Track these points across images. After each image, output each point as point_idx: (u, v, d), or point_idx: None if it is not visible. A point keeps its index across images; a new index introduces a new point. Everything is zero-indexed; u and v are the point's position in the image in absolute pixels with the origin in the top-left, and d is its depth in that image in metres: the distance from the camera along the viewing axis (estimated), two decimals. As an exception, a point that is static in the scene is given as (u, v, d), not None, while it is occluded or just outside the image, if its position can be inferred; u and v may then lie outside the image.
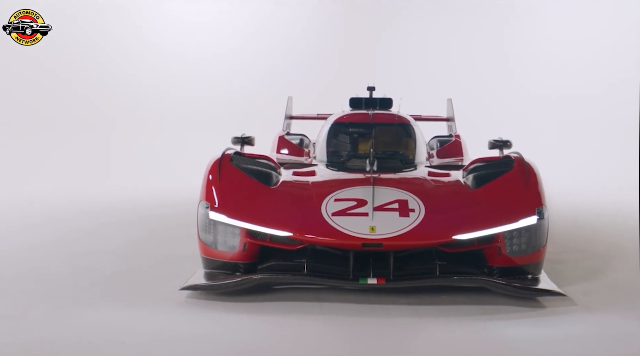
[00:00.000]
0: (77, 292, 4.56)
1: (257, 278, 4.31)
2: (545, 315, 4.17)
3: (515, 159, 4.98)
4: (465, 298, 4.40)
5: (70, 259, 5.51)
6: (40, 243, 6.20)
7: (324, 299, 4.37)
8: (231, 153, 5.06)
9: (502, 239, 4.43)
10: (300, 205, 4.56)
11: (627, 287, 4.88)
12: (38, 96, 11.85)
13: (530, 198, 4.62)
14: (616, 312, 4.23)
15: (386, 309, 4.22)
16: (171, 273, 4.88)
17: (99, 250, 5.86)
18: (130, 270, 5.20)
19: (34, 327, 3.85)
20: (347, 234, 4.24)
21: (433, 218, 4.40)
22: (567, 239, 6.64)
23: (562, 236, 6.75)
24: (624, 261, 5.67)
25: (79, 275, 5.01)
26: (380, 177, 5.00)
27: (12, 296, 4.47)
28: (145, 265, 5.38)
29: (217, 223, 4.51)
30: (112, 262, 5.44)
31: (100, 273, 5.09)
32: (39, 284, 4.76)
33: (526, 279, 4.51)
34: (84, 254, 5.67)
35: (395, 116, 6.42)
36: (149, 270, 5.22)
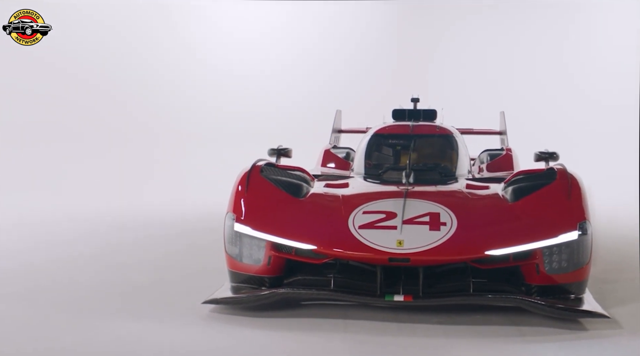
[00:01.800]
0: (104, 303, 4.54)
1: (280, 292, 4.18)
2: (587, 338, 3.87)
3: (558, 171, 4.69)
4: (501, 318, 4.14)
5: (103, 271, 5.52)
6: (79, 255, 6.24)
7: (350, 316, 4.20)
8: (262, 164, 4.96)
9: (540, 255, 4.16)
10: (326, 217, 4.41)
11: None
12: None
13: (572, 212, 4.33)
14: (665, 336, 3.90)
15: (414, 328, 4.01)
16: (201, 286, 4.78)
17: (134, 262, 5.87)
18: (161, 283, 5.16)
19: (57, 337, 3.85)
20: (374, 248, 4.06)
21: (465, 232, 4.17)
22: (618, 257, 6.25)
23: (613, 253, 6.37)
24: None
25: (109, 287, 5.00)
26: (414, 189, 4.81)
27: (42, 306, 4.49)
28: (176, 278, 5.34)
29: (242, 235, 4.41)
30: (145, 274, 5.42)
31: (131, 284, 5.08)
32: (69, 296, 4.76)
33: (567, 299, 4.21)
34: (118, 266, 5.69)
35: (436, 128, 6.20)
36: (179, 283, 5.17)
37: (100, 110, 12.28)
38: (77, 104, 12.20)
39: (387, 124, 6.52)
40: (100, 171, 11.18)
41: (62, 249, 6.59)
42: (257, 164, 4.93)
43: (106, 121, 12.19)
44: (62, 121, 11.92)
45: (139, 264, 5.78)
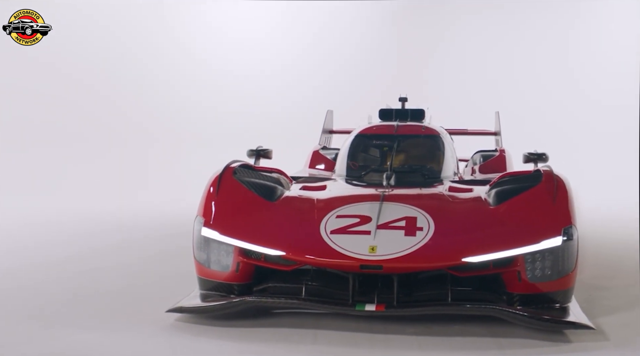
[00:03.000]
0: (67, 311, 4.34)
1: (246, 301, 3.96)
2: (570, 351, 3.63)
3: (544, 173, 4.46)
4: (480, 329, 3.91)
5: (74, 277, 5.32)
6: (54, 259, 6.06)
7: (322, 326, 3.98)
8: (236, 166, 4.76)
9: (522, 262, 3.93)
10: (297, 222, 4.20)
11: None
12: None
13: (556, 216, 4.09)
14: (655, 350, 3.67)
15: (387, 339, 3.79)
16: (174, 293, 4.54)
17: (108, 267, 5.68)
18: (132, 289, 4.95)
19: (17, 346, 3.66)
20: (345, 255, 3.84)
21: (442, 237, 3.95)
22: (612, 261, 6.02)
23: (607, 257, 6.14)
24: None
25: (77, 293, 4.81)
26: (392, 192, 4.59)
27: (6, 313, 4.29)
28: (149, 284, 5.13)
29: (210, 241, 4.21)
30: (117, 280, 5.22)
31: (100, 291, 4.87)
32: (33, 302, 4.56)
33: (552, 309, 3.98)
34: (92, 271, 5.50)
35: (422, 128, 5.98)
36: (151, 289, 4.94)
37: (100, 110, 12.18)
38: (77, 104, 12.10)
39: (373, 124, 6.30)
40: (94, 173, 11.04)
41: (39, 252, 6.43)
42: (230, 165, 4.73)
43: (105, 122, 12.09)
44: (61, 121, 11.82)
45: (113, 269, 5.58)
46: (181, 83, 12.58)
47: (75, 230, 7.75)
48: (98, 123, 12.03)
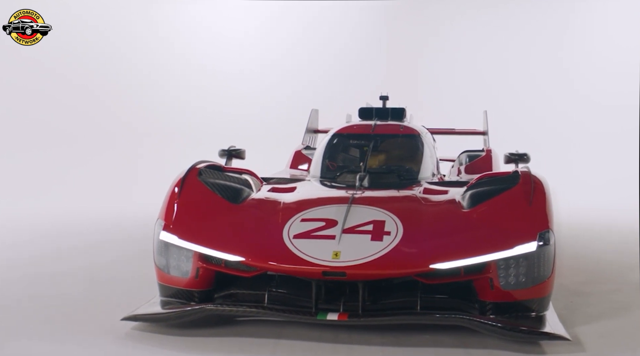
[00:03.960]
0: (19, 318, 4.13)
1: (204, 309, 3.76)
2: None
3: (521, 175, 4.26)
4: (451, 339, 3.71)
5: (34, 280, 5.13)
6: (15, 262, 5.85)
7: (284, 335, 3.78)
8: (202, 167, 4.56)
9: (495, 269, 3.72)
10: (260, 226, 4.00)
11: (655, 329, 4.08)
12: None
13: (532, 220, 3.88)
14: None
15: (351, 350, 3.59)
16: (132, 300, 4.33)
17: (71, 271, 5.47)
18: (91, 295, 4.73)
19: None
20: (307, 261, 3.64)
21: (410, 243, 3.74)
22: (599, 266, 5.81)
23: (594, 262, 5.94)
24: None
25: (32, 298, 4.58)
26: (363, 194, 4.39)
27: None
28: (109, 289, 4.90)
29: (169, 245, 4.01)
30: (75, 284, 5.01)
31: (55, 296, 4.66)
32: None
33: (526, 318, 3.77)
34: (53, 275, 5.29)
35: (400, 127, 5.77)
36: (109, 295, 4.71)
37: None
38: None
39: (351, 123, 6.11)
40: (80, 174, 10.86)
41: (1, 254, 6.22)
42: (196, 166, 4.53)
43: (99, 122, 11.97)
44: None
45: (77, 272, 5.37)
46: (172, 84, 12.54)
47: (48, 231, 7.55)
48: (93, 123, 11.92)
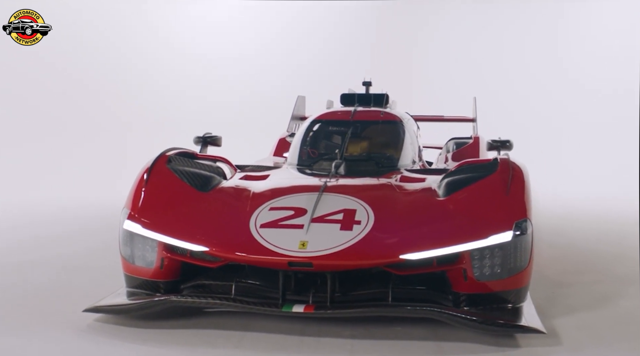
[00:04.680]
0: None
1: (166, 300, 3.63)
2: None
3: (500, 162, 4.12)
4: (424, 331, 3.59)
5: (3, 270, 4.99)
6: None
7: (251, 327, 3.66)
8: (172, 154, 4.43)
9: (468, 259, 3.58)
10: (226, 215, 3.87)
11: (635, 320, 3.94)
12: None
13: (509, 209, 3.74)
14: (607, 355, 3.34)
15: (318, 343, 3.47)
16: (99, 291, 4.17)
17: (42, 260, 5.35)
18: (54, 285, 4.61)
19: None
20: (272, 251, 3.51)
21: (380, 232, 3.61)
22: (587, 257, 5.67)
23: (580, 252, 5.81)
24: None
25: (0, 289, 4.48)
26: (337, 182, 4.25)
27: None
28: (76, 280, 4.76)
29: (133, 235, 3.88)
30: (42, 274, 4.88)
31: (19, 286, 4.54)
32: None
33: (502, 310, 3.64)
34: (22, 264, 5.16)
35: (380, 113, 5.61)
36: (76, 286, 4.58)
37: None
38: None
39: (331, 109, 5.96)
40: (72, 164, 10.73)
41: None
42: (165, 153, 4.39)
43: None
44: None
45: (48, 262, 5.25)
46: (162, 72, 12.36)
47: (26, 220, 7.45)
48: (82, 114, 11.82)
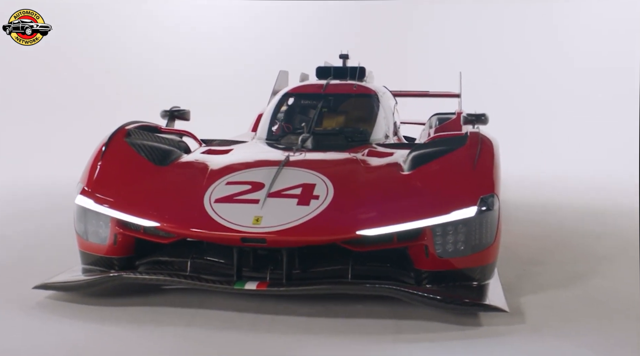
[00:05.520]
0: None
1: (114, 276, 3.52)
2: (476, 336, 3.20)
3: (469, 136, 3.98)
4: (385, 310, 3.48)
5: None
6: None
7: (205, 305, 3.55)
8: (132, 127, 4.29)
9: (430, 235, 3.45)
10: (181, 189, 3.73)
11: (607, 299, 3.81)
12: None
13: (475, 183, 3.60)
14: (569, 336, 3.22)
15: (273, 320, 3.36)
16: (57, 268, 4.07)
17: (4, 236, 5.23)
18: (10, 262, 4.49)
19: None
20: (225, 227, 3.38)
21: (338, 207, 3.47)
22: (563, 235, 5.54)
23: (560, 230, 5.67)
24: (622, 266, 4.56)
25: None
26: (300, 156, 4.12)
27: None
28: (35, 257, 4.62)
29: (86, 210, 3.75)
30: (4, 251, 4.75)
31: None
32: None
33: (466, 288, 3.52)
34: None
35: (353, 86, 5.45)
36: (33, 264, 4.43)
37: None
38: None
39: (305, 82, 5.80)
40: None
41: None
42: (124, 127, 4.25)
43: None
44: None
45: (10, 239, 5.14)
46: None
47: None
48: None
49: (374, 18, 12.35)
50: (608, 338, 3.19)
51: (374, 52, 11.54)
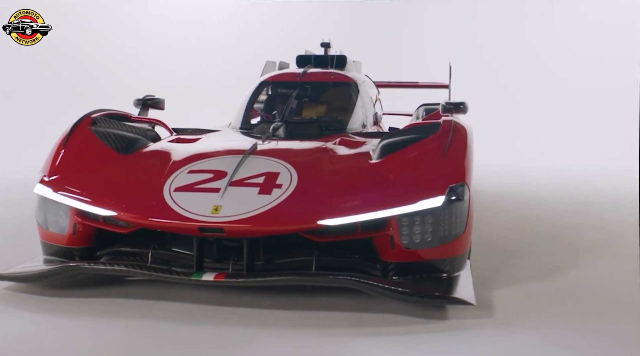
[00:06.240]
0: None
1: (63, 267, 3.43)
2: (439, 330, 3.08)
3: (442, 124, 3.86)
4: (350, 302, 3.37)
5: None
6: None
7: (166, 296, 3.45)
8: (98, 115, 4.19)
9: (396, 226, 3.34)
10: (142, 178, 3.63)
11: (581, 293, 3.70)
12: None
13: (444, 172, 3.48)
14: (538, 329, 3.11)
15: (232, 313, 3.25)
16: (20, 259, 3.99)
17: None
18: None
19: None
20: (183, 216, 3.27)
21: (300, 197, 3.35)
22: (545, 227, 5.41)
23: (543, 222, 5.55)
24: (601, 258, 4.45)
25: None
26: (268, 145, 4.00)
27: None
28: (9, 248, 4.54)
29: (45, 199, 3.65)
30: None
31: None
32: None
33: (432, 280, 3.40)
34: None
35: (331, 74, 5.33)
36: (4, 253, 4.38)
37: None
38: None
39: (284, 71, 5.69)
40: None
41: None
42: (90, 115, 4.15)
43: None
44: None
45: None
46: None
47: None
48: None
49: (368, 8, 12.21)
50: (576, 332, 3.08)
51: (368, 42, 11.47)
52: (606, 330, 3.12)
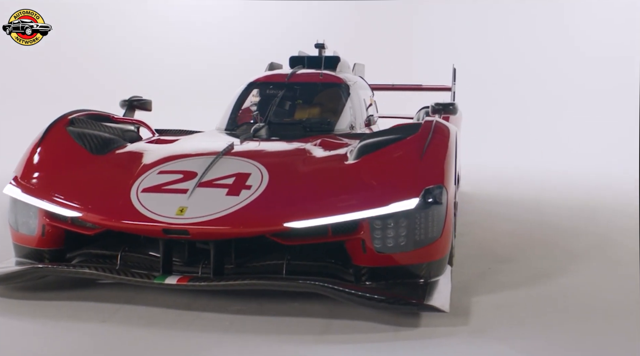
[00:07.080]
0: None
1: (27, 269, 3.36)
2: (408, 338, 2.96)
3: (422, 124, 3.73)
4: (320, 308, 3.26)
5: None
6: None
7: (132, 300, 3.36)
8: (77, 116, 4.14)
9: (367, 229, 3.22)
10: (111, 179, 3.55)
11: (566, 300, 3.53)
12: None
13: (419, 174, 3.35)
14: (510, 339, 2.96)
15: (197, 317, 3.16)
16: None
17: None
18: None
19: None
20: (147, 217, 3.18)
21: (269, 198, 3.25)
22: (539, 232, 5.23)
23: (538, 227, 5.37)
24: (593, 264, 4.28)
25: None
26: (245, 145, 3.91)
27: None
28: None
29: (15, 200, 3.60)
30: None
31: None
32: None
33: (406, 285, 3.26)
34: None
35: (319, 75, 5.22)
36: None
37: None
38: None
39: (275, 72, 5.59)
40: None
41: None
42: (67, 116, 4.10)
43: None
44: None
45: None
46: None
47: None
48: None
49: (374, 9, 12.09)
50: (553, 342, 2.93)
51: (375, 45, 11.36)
52: (581, 340, 2.96)
